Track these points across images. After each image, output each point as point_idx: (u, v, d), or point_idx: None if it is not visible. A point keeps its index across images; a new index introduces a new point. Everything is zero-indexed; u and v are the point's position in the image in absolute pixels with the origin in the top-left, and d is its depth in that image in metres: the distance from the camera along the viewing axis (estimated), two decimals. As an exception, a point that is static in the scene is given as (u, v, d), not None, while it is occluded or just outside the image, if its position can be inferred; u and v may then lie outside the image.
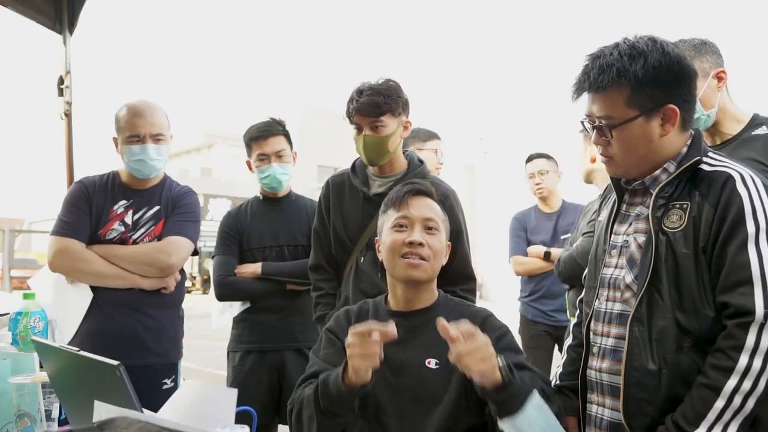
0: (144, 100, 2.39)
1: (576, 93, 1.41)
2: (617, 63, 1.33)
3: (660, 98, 1.34)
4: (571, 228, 3.52)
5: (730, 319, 1.25)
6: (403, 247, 1.57)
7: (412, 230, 1.59)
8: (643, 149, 1.37)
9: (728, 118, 1.92)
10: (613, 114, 1.35)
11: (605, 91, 1.35)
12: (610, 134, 1.37)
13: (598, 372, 1.46)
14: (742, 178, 1.30)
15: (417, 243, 1.57)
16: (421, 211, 1.62)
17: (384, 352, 1.52)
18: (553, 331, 3.48)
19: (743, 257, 1.24)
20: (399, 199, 1.63)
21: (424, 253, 1.57)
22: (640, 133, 1.35)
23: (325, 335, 1.67)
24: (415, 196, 1.64)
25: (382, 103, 2.03)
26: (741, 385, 1.20)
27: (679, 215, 1.33)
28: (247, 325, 2.60)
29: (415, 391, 1.51)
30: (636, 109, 1.34)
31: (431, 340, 1.51)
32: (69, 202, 2.35)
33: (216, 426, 0.98)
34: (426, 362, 1.52)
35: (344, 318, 1.68)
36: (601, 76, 1.34)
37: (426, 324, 1.56)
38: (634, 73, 1.32)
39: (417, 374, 1.52)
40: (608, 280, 1.47)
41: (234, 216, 2.71)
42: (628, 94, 1.34)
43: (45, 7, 2.93)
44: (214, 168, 30.61)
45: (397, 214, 1.62)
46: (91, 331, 2.27)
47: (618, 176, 1.47)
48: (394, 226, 1.61)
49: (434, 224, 1.62)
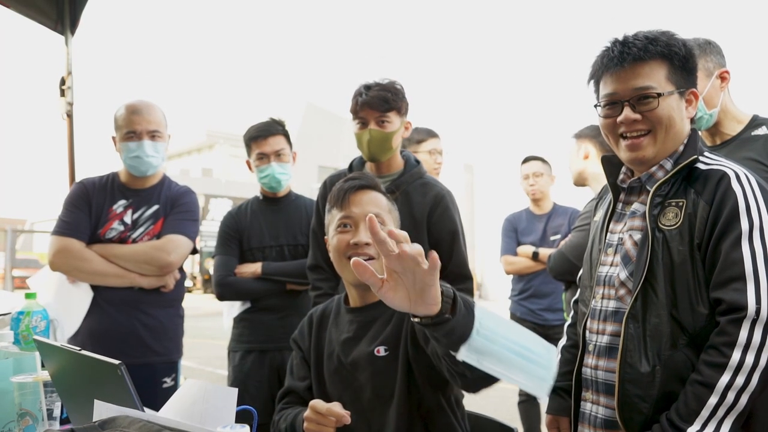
0: (142, 100, 2.41)
1: (617, 61, 1.38)
2: (662, 37, 1.37)
3: (689, 81, 1.40)
4: (561, 230, 3.58)
5: (723, 315, 1.26)
6: (349, 248, 1.51)
7: (356, 229, 1.52)
8: (677, 125, 1.39)
9: (729, 119, 1.93)
10: (655, 85, 1.37)
11: (649, 63, 1.37)
12: (656, 103, 1.36)
13: (593, 370, 1.46)
14: (737, 176, 1.32)
15: (363, 243, 1.50)
16: (364, 207, 1.53)
17: (339, 350, 1.54)
18: (541, 330, 3.54)
19: (737, 254, 1.25)
20: (341, 197, 1.55)
21: (372, 251, 1.50)
22: (677, 108, 1.39)
23: (292, 344, 1.68)
24: (357, 192, 1.56)
25: (390, 99, 2.07)
26: (734, 381, 1.21)
27: (675, 213, 1.35)
28: (248, 325, 2.61)
29: (373, 383, 1.48)
30: (673, 86, 1.38)
31: (380, 329, 1.52)
32: (69, 203, 2.37)
33: (217, 425, 0.98)
34: (375, 351, 1.49)
35: (307, 325, 1.68)
36: (650, 45, 1.36)
37: (377, 316, 1.55)
38: (677, 50, 1.37)
39: (369, 366, 1.49)
40: (603, 278, 1.47)
41: (234, 216, 2.72)
42: (668, 69, 1.37)
43: (47, 8, 2.94)
44: (215, 168, 30.62)
45: (340, 214, 1.54)
46: (91, 330, 2.28)
47: (641, 160, 1.42)
48: (338, 227, 1.54)
49: (380, 219, 1.52)
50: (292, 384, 1.63)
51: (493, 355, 1.07)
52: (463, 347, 1.06)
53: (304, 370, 1.62)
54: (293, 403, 1.62)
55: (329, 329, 1.62)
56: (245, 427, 0.97)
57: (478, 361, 1.07)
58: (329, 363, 1.57)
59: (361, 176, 1.62)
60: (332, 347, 1.57)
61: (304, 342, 1.65)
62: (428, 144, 3.15)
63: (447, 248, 2.08)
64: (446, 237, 2.08)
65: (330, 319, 1.64)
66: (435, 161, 3.10)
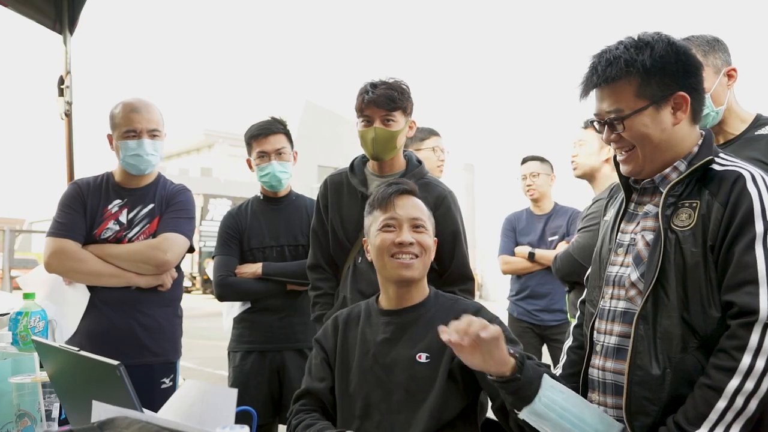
0: (139, 98, 2.39)
1: (584, 90, 1.40)
2: (624, 54, 1.34)
3: (671, 86, 1.34)
4: (559, 230, 3.58)
5: (734, 318, 1.24)
6: (393, 247, 1.60)
7: (400, 230, 1.62)
8: (657, 139, 1.36)
9: (734, 117, 1.92)
10: (622, 106, 1.35)
11: (614, 84, 1.35)
12: (621, 126, 1.36)
13: (600, 371, 1.45)
14: (753, 178, 1.29)
15: (407, 243, 1.59)
16: (408, 211, 1.64)
17: (376, 350, 1.57)
18: (537, 330, 3.57)
19: (750, 257, 1.23)
20: (385, 200, 1.65)
21: (415, 250, 1.60)
22: (650, 123, 1.35)
23: (314, 345, 1.71)
24: (401, 196, 1.66)
25: (396, 98, 2.06)
26: (743, 385, 1.19)
27: (688, 214, 1.32)
28: (248, 326, 2.60)
29: (408, 386, 1.53)
30: (646, 99, 1.34)
31: (421, 334, 1.56)
32: (63, 203, 2.36)
33: (216, 426, 0.98)
34: (417, 357, 1.54)
35: (332, 327, 1.70)
36: (609, 68, 1.34)
37: (417, 320, 1.60)
38: (642, 62, 1.32)
39: (408, 370, 1.53)
40: (613, 278, 1.45)
41: (234, 216, 2.70)
42: (637, 85, 1.34)
43: (45, 7, 2.94)
44: (214, 168, 30.60)
45: (384, 215, 1.64)
46: (89, 330, 2.27)
47: (634, 174, 1.44)
48: (383, 227, 1.63)
49: (421, 222, 1.64)
50: (310, 385, 1.64)
51: (550, 421, 1.29)
52: (525, 408, 1.29)
53: (325, 371, 1.64)
54: (310, 405, 1.63)
55: (361, 330, 1.64)
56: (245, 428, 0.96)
57: (536, 423, 1.30)
58: (362, 362, 1.59)
59: (403, 182, 1.73)
60: (367, 347, 1.60)
61: (328, 343, 1.67)
62: (431, 141, 3.15)
63: (449, 249, 2.07)
64: (448, 238, 2.07)
65: (360, 320, 1.67)
66: (438, 158, 3.11)
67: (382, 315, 1.64)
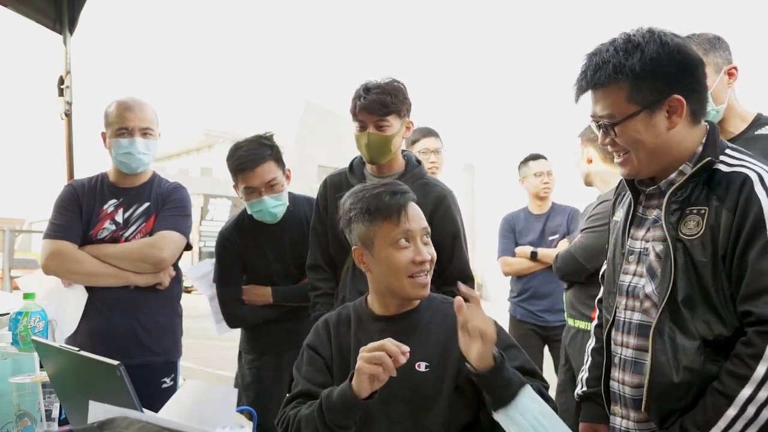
0: (133, 97, 2.39)
1: (576, 94, 1.37)
2: (613, 59, 1.28)
3: (664, 90, 1.28)
4: (559, 229, 3.55)
5: (752, 326, 1.20)
6: (412, 266, 1.48)
7: (414, 246, 1.49)
8: (651, 144, 1.30)
9: (734, 116, 1.90)
10: (614, 112, 1.31)
11: (605, 89, 1.31)
12: (613, 132, 1.32)
13: (620, 384, 1.42)
14: (761, 179, 1.24)
15: (427, 261, 1.50)
16: (418, 221, 1.52)
17: None
18: (541, 331, 3.51)
19: (764, 264, 1.19)
20: (396, 211, 1.50)
21: (428, 266, 1.51)
22: (643, 129, 1.29)
23: (306, 352, 1.59)
24: (409, 204, 1.53)
25: (389, 102, 2.03)
26: (756, 394, 1.16)
27: (696, 221, 1.28)
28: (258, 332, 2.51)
29: (406, 396, 1.46)
30: (637, 105, 1.28)
31: (419, 343, 1.47)
32: (59, 205, 2.36)
33: (216, 426, 0.98)
34: (416, 366, 1.47)
35: (323, 330, 1.60)
36: (598, 74, 1.30)
37: (413, 327, 1.52)
38: (631, 67, 1.26)
39: (407, 379, 1.44)
40: (626, 288, 1.42)
41: (230, 240, 2.49)
42: (628, 90, 1.28)
43: (45, 7, 2.94)
44: (214, 168, 30.57)
45: (397, 230, 1.49)
46: (88, 331, 2.27)
47: (631, 176, 1.40)
48: (395, 243, 1.48)
49: (428, 230, 1.55)
50: (306, 388, 1.52)
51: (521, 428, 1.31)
52: (501, 410, 1.32)
53: (325, 377, 1.54)
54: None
55: (354, 336, 1.56)
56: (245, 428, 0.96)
57: (507, 426, 1.32)
58: None
59: (404, 188, 1.56)
60: None
61: (325, 349, 1.57)
62: (421, 144, 3.14)
63: (448, 249, 2.06)
64: (448, 238, 2.07)
65: (352, 324, 1.58)
66: (428, 161, 3.07)
67: (375, 321, 1.55)
